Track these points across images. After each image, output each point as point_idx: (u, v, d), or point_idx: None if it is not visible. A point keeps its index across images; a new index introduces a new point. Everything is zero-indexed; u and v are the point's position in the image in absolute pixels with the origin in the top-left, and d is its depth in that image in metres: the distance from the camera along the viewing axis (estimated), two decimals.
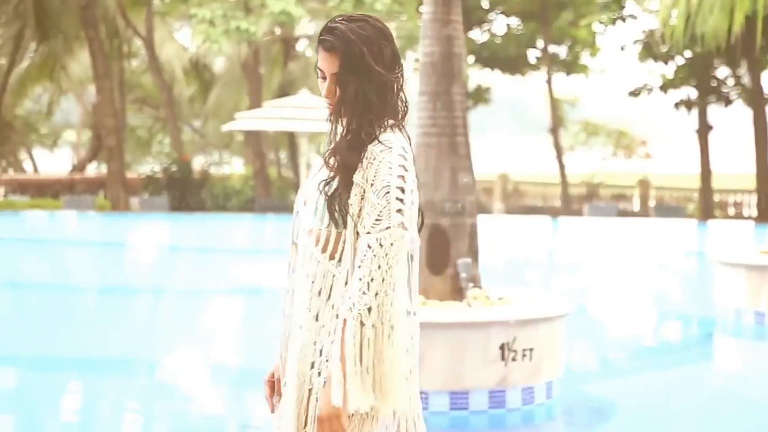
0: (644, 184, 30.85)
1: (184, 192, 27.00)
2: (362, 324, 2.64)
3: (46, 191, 31.21)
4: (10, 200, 29.12)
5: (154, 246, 20.88)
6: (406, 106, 2.91)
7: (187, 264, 17.31)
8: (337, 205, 2.79)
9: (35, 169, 41.44)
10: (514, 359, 6.54)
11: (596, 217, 27.17)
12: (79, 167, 38.73)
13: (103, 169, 34.41)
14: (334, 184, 2.81)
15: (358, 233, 2.75)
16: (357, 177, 2.76)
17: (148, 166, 35.92)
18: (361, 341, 2.65)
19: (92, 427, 6.87)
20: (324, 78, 2.86)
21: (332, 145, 2.88)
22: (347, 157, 2.83)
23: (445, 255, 7.10)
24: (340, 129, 2.88)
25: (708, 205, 28.49)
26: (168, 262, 17.99)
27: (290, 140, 32.42)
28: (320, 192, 2.84)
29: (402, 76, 2.93)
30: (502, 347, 6.50)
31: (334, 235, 2.79)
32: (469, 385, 6.48)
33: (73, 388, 8.08)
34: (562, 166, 29.77)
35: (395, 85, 2.89)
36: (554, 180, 31.28)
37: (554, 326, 6.83)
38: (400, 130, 2.86)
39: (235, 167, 38.90)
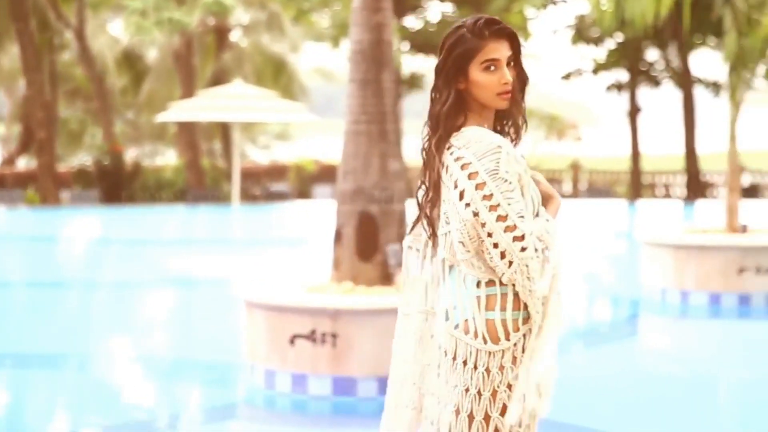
0: (576, 167, 31.23)
1: (116, 184, 26.72)
2: None
3: None
4: None
5: (82, 239, 20.70)
6: None
7: (117, 257, 17.20)
8: None
9: None
10: None
11: None
12: (9, 161, 38.15)
13: (34, 163, 33.93)
14: None
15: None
16: None
17: (79, 159, 35.45)
18: None
19: (23, 421, 6.86)
20: (494, 67, 3.06)
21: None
22: None
23: (374, 241, 7.18)
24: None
25: (637, 186, 28.87)
26: (96, 256, 17.82)
27: (224, 130, 32.26)
28: None
29: None
30: None
31: None
32: None
33: (5, 383, 8.06)
34: None
35: None
36: None
37: None
38: None
39: (168, 158, 38.54)
